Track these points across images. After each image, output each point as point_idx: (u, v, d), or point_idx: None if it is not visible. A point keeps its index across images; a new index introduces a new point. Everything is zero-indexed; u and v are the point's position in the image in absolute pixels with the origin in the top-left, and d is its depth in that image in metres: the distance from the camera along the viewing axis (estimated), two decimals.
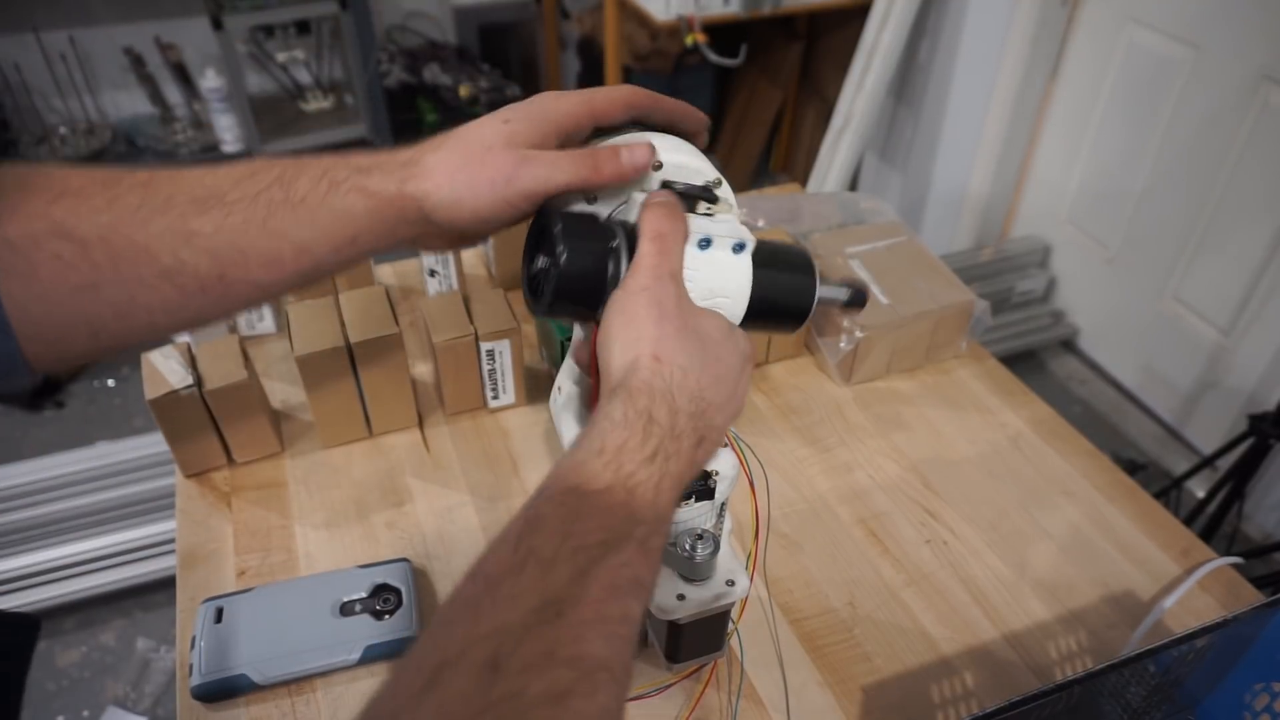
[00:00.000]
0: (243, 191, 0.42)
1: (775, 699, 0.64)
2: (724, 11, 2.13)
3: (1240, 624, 0.57)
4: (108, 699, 1.51)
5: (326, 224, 0.42)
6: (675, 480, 0.40)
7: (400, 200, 0.43)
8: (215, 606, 0.65)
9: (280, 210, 0.42)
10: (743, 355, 0.45)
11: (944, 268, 0.95)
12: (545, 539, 0.35)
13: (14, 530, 1.61)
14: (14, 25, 2.49)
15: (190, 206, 0.41)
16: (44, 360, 0.40)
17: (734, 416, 0.44)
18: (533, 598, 0.33)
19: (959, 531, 0.77)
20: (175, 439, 0.75)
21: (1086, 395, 2.16)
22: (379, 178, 0.43)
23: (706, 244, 0.46)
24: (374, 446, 0.82)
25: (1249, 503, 1.71)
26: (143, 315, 0.41)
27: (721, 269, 0.47)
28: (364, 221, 0.43)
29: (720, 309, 0.47)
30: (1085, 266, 2.17)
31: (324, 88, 2.87)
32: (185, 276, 0.40)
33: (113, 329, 0.40)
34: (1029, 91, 2.10)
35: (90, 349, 0.41)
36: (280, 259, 0.42)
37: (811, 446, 0.85)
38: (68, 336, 0.40)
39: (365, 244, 0.44)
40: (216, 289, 0.41)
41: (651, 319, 0.41)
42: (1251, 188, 1.72)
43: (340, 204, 0.42)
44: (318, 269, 0.44)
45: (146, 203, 0.40)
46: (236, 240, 0.41)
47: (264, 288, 0.43)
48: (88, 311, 0.39)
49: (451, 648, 0.31)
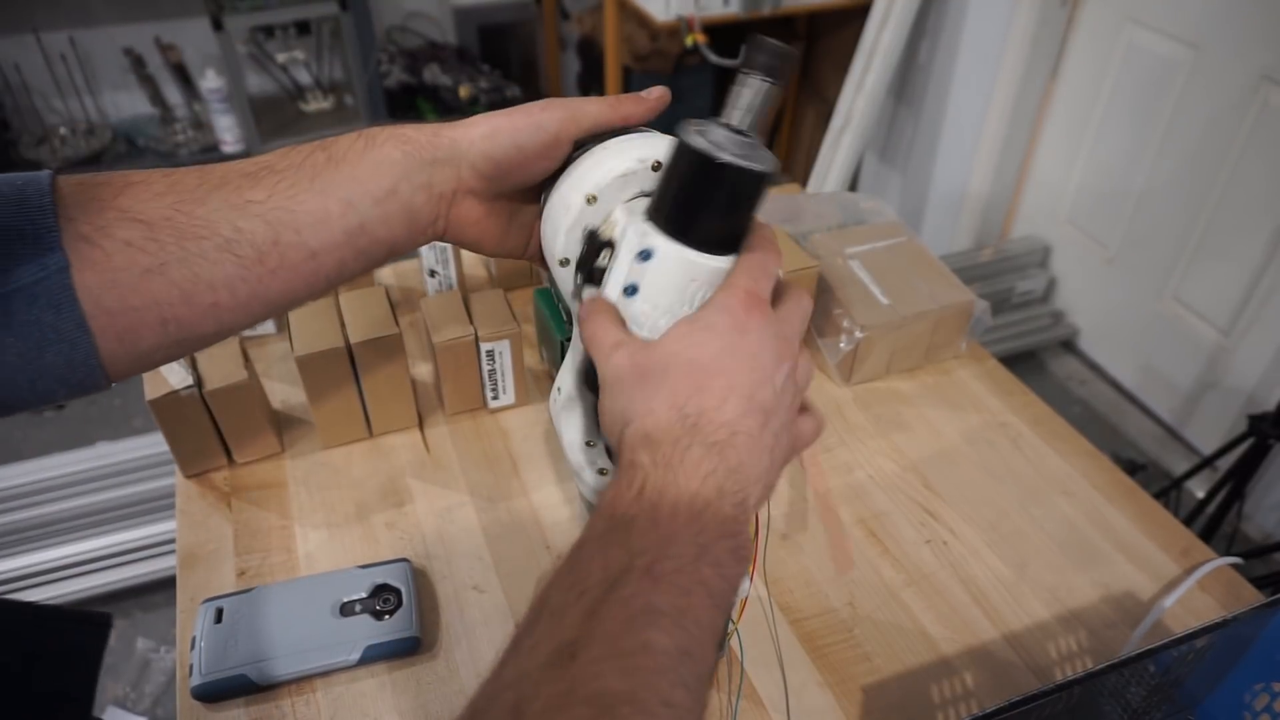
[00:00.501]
0: (290, 161, 0.44)
1: (775, 699, 0.64)
2: (724, 12, 2.13)
3: (1240, 624, 0.57)
4: (108, 699, 1.51)
5: (366, 175, 0.44)
6: (684, 497, 0.38)
7: (435, 141, 0.46)
8: (215, 607, 0.65)
9: (324, 170, 0.44)
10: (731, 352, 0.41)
11: (944, 268, 0.95)
12: (555, 592, 0.36)
13: (14, 530, 1.61)
14: (14, 25, 2.49)
15: (244, 180, 0.43)
16: (118, 360, 0.41)
17: (750, 403, 0.41)
18: (548, 644, 0.34)
19: (959, 531, 0.77)
20: (175, 439, 0.75)
21: (1086, 395, 2.16)
22: (414, 130, 0.46)
23: (647, 256, 0.43)
24: (374, 447, 0.82)
25: (1249, 503, 1.71)
26: (206, 295, 0.42)
27: (657, 276, 0.43)
28: (400, 167, 0.45)
29: (697, 297, 0.44)
30: (1085, 267, 2.17)
31: (324, 88, 2.87)
32: (243, 245, 0.42)
33: (180, 314, 0.42)
34: (1029, 91, 2.10)
35: (159, 340, 0.42)
36: (327, 216, 0.44)
37: (812, 446, 0.85)
38: (138, 326, 0.41)
39: (404, 194, 0.45)
40: (273, 256, 0.43)
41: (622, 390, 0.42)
42: (1251, 188, 1.72)
43: (378, 154, 0.45)
44: (363, 228, 0.45)
45: (205, 181, 0.43)
46: (287, 203, 0.43)
47: (316, 255, 0.44)
48: (157, 295, 0.41)
49: (481, 699, 0.33)
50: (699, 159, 0.40)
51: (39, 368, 0.40)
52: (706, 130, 0.41)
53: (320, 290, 0.46)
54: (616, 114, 0.47)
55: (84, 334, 0.40)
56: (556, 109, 0.46)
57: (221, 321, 0.43)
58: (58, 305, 0.39)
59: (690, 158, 0.41)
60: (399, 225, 0.46)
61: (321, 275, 0.45)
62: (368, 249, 0.46)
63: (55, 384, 0.41)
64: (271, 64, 2.80)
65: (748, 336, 0.42)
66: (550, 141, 0.46)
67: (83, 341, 0.40)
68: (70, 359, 0.40)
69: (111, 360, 0.41)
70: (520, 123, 0.46)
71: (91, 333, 0.40)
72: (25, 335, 0.39)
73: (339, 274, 0.46)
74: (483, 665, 0.65)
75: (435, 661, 0.65)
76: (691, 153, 0.41)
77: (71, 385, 0.41)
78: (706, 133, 0.41)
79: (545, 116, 0.46)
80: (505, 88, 2.85)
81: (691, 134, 0.41)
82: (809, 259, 0.89)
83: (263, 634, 0.64)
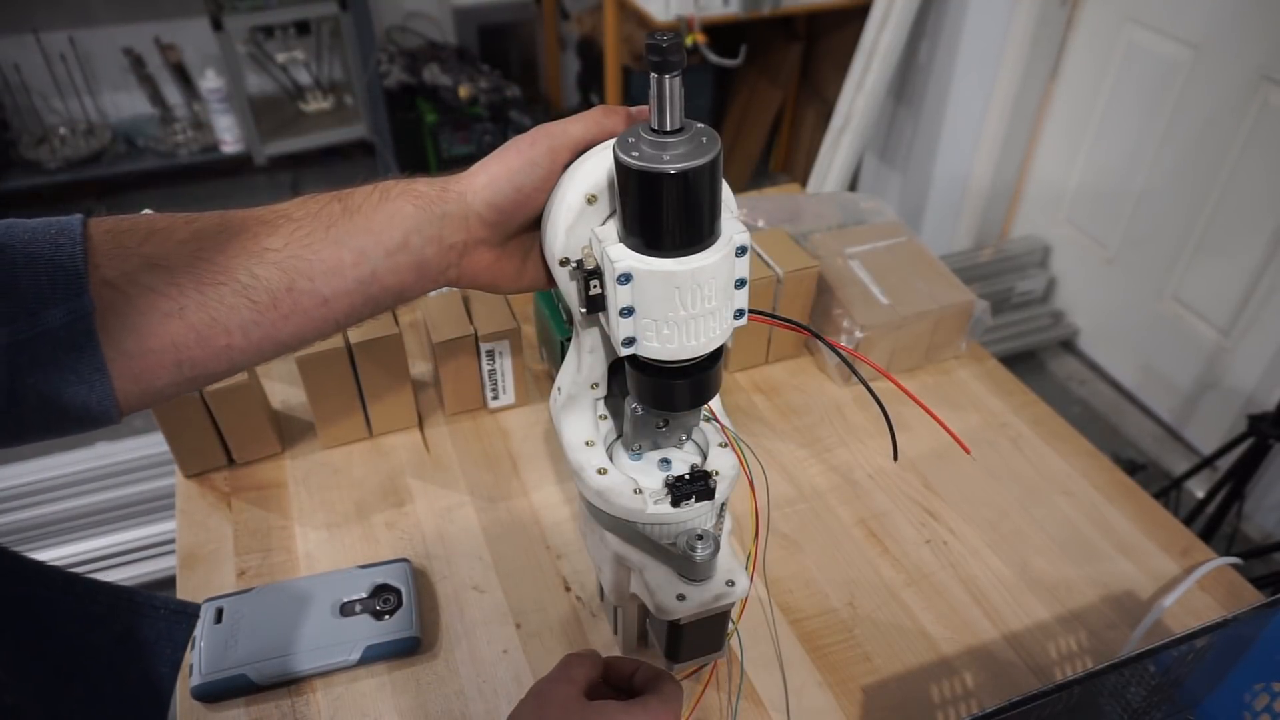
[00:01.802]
0: (307, 210, 0.46)
1: (775, 699, 0.64)
2: (724, 12, 2.13)
3: (1240, 624, 0.57)
4: None
5: (380, 227, 0.46)
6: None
7: (444, 195, 0.47)
8: (215, 607, 0.65)
9: (340, 220, 0.45)
10: None
11: (944, 268, 0.95)
12: None
13: (14, 530, 1.61)
14: (14, 26, 2.49)
15: (262, 227, 0.44)
16: (130, 398, 0.43)
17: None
18: None
19: (959, 531, 0.77)
20: (175, 439, 0.75)
21: (1086, 395, 2.16)
22: (425, 184, 0.48)
23: (627, 279, 0.44)
24: (374, 447, 0.82)
25: (1249, 503, 1.71)
26: (221, 338, 0.43)
27: (643, 294, 0.44)
28: (412, 220, 0.46)
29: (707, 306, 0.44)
30: (1085, 267, 2.17)
31: (324, 88, 2.87)
32: (258, 291, 0.43)
33: (194, 356, 0.43)
34: (1029, 91, 2.10)
35: (173, 379, 0.43)
36: (340, 266, 0.45)
37: (811, 446, 0.85)
38: (154, 367, 0.42)
39: (415, 247, 0.46)
40: (286, 302, 0.44)
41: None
42: (1251, 188, 1.72)
43: (391, 207, 0.46)
44: (375, 277, 0.46)
45: (225, 228, 0.44)
46: (302, 252, 0.44)
47: (328, 302, 0.45)
48: (174, 338, 0.42)
49: None
50: (645, 177, 0.41)
51: (58, 407, 0.41)
52: (639, 143, 0.42)
53: (328, 333, 0.47)
54: (603, 130, 0.48)
55: (102, 376, 0.41)
56: (543, 140, 0.47)
57: (234, 362, 0.45)
58: (80, 349, 0.40)
59: (637, 179, 0.41)
60: (409, 275, 0.47)
61: (331, 320, 0.46)
62: (377, 296, 0.47)
63: (70, 423, 0.42)
64: (271, 64, 2.80)
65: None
66: (546, 176, 0.47)
67: (100, 383, 0.41)
68: (87, 400, 0.41)
69: (125, 398, 0.42)
70: (514, 164, 0.47)
71: (110, 375, 0.41)
72: (47, 377, 0.40)
73: (348, 319, 0.47)
74: (483, 665, 0.65)
75: (435, 661, 0.65)
76: (636, 174, 0.41)
77: (85, 423, 0.43)
78: (640, 146, 0.41)
79: (535, 152, 0.47)
80: (505, 88, 2.84)
81: (629, 155, 0.41)
82: (809, 259, 0.89)
83: (263, 634, 0.64)
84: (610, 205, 0.46)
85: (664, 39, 0.39)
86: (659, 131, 0.41)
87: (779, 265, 0.88)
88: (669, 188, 0.41)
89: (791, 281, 0.88)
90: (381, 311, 0.49)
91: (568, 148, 0.47)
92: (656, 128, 0.41)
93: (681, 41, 0.40)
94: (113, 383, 0.41)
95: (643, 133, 0.42)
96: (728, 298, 0.45)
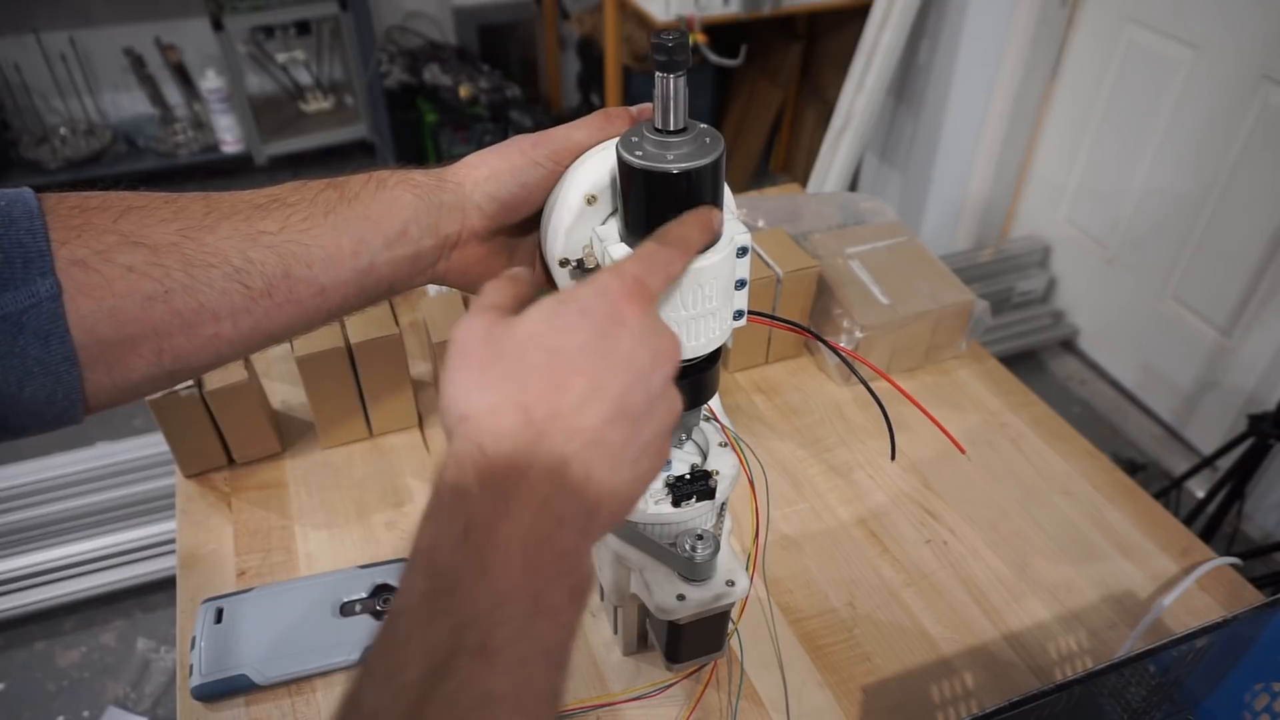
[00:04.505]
0: (301, 195, 0.43)
1: (775, 699, 0.64)
2: (724, 12, 2.13)
3: (1240, 624, 0.57)
4: (108, 699, 1.51)
5: (379, 215, 0.44)
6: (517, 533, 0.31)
7: (441, 185, 0.46)
8: (215, 607, 0.65)
9: (338, 206, 0.43)
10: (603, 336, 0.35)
11: (944, 268, 0.95)
12: (369, 686, 0.29)
13: (14, 530, 1.61)
14: (14, 26, 2.49)
15: (254, 211, 0.42)
16: (101, 392, 0.39)
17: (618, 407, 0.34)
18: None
19: (959, 531, 0.77)
20: (175, 439, 0.75)
21: (1086, 395, 2.16)
22: (422, 174, 0.46)
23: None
24: (374, 446, 0.82)
25: (1249, 503, 1.71)
26: (209, 325, 0.40)
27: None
28: (411, 210, 0.45)
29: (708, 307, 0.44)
30: (1085, 267, 2.17)
31: (324, 88, 2.87)
32: (253, 276, 0.41)
33: (178, 345, 0.40)
34: (1029, 91, 2.10)
35: (151, 371, 0.40)
36: (339, 254, 0.43)
37: (811, 447, 0.85)
38: (131, 356, 0.39)
39: (414, 238, 0.45)
40: (282, 289, 0.42)
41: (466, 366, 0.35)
42: (1251, 188, 1.72)
43: (389, 196, 0.45)
44: (372, 268, 0.44)
45: (213, 210, 0.41)
46: (300, 237, 0.42)
47: (324, 291, 0.43)
48: (156, 323, 0.39)
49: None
50: (648, 177, 0.41)
51: (15, 403, 0.37)
52: (643, 142, 0.42)
53: (318, 325, 0.45)
54: (606, 136, 0.47)
55: (71, 367, 0.37)
56: (546, 144, 0.46)
57: (219, 353, 0.42)
58: (46, 336, 0.36)
59: (640, 178, 0.41)
60: (404, 266, 0.46)
61: (324, 311, 0.44)
62: (371, 288, 0.45)
63: (29, 419, 0.38)
64: (271, 64, 2.80)
65: (623, 329, 0.35)
66: (548, 176, 0.47)
67: (68, 375, 0.37)
68: (51, 394, 0.38)
69: (95, 392, 0.39)
70: (518, 161, 0.46)
71: (80, 365, 0.38)
72: (5, 368, 0.36)
73: (340, 310, 0.45)
74: None
75: None
76: (640, 173, 0.41)
77: (46, 421, 0.39)
78: (644, 146, 0.41)
79: (539, 154, 0.46)
80: (505, 88, 2.84)
81: (633, 155, 0.41)
82: (809, 259, 0.89)
83: (263, 634, 0.64)
84: (610, 205, 0.46)
85: (670, 38, 0.39)
86: (663, 131, 0.41)
87: (779, 265, 0.88)
88: (672, 187, 0.41)
89: (791, 281, 0.88)
90: (370, 305, 0.47)
91: (571, 153, 0.47)
92: (660, 127, 0.41)
93: (687, 41, 0.40)
94: (82, 373, 0.38)
95: (646, 132, 0.42)
96: (728, 298, 0.45)
